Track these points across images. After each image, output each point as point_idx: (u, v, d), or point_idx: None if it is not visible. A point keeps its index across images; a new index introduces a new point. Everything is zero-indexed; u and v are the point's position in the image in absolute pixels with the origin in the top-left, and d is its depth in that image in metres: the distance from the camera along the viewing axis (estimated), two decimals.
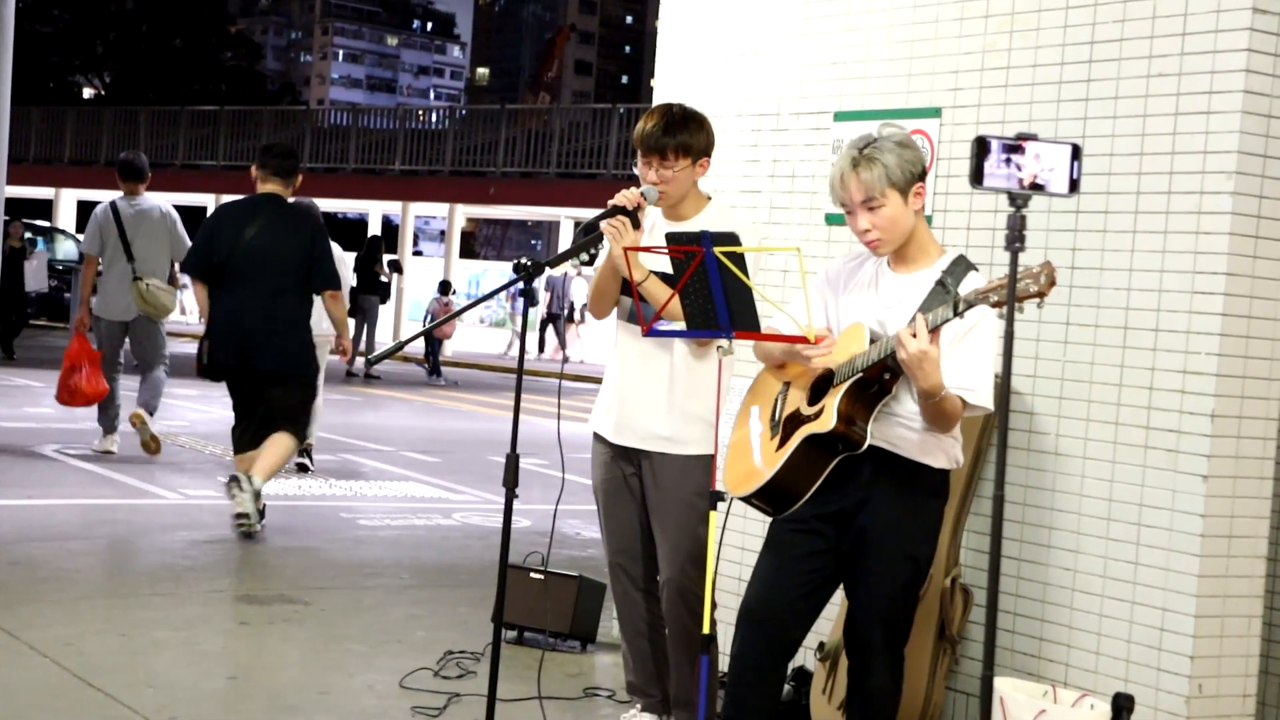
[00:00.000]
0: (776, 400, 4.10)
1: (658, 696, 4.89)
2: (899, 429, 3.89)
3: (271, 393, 7.90)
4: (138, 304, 10.23)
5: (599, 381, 4.94)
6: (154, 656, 5.63)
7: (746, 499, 4.06)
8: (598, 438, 4.85)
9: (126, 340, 10.66)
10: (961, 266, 3.88)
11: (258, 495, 7.70)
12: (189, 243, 9.63)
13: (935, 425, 3.84)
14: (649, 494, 4.73)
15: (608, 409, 4.82)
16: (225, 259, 7.92)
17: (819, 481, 3.90)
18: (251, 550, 7.34)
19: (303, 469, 10.35)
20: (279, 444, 7.83)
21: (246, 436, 8.00)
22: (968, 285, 3.78)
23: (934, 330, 3.66)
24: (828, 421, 3.82)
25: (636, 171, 4.73)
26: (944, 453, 3.96)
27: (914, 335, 3.64)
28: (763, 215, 5.69)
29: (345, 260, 10.70)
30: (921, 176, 3.92)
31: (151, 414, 10.56)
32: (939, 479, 3.98)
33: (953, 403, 3.76)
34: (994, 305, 3.60)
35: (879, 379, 3.84)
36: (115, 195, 10.67)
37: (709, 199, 4.78)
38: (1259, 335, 4.45)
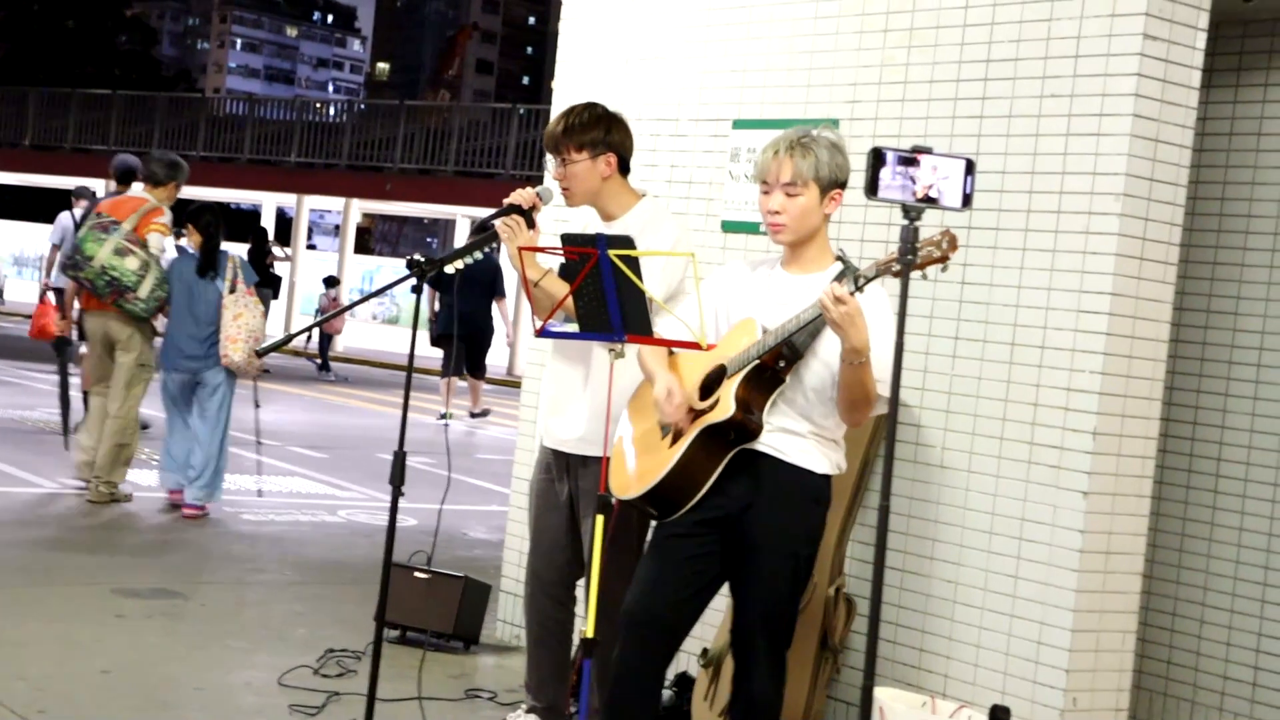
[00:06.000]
0: None
1: (543, 704, 4.84)
2: (782, 434, 3.91)
3: (469, 349, 15.46)
4: None
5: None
6: (25, 649, 5.49)
7: (634, 502, 4.05)
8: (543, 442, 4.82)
9: None
10: (850, 270, 3.91)
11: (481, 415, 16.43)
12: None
13: (853, 407, 3.83)
14: (575, 497, 4.68)
15: (541, 412, 4.79)
16: (448, 278, 13.79)
17: (711, 479, 3.91)
18: (130, 541, 7.21)
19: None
20: (475, 385, 16.09)
21: (449, 370, 15.63)
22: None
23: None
24: (726, 409, 3.84)
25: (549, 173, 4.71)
26: (827, 458, 3.98)
27: (835, 296, 3.65)
28: None
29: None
30: (842, 185, 3.96)
31: None
32: (822, 484, 4.00)
33: (871, 374, 3.75)
34: (895, 275, 3.59)
35: (774, 366, 3.87)
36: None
37: (640, 197, 4.69)
38: (1142, 355, 4.52)
